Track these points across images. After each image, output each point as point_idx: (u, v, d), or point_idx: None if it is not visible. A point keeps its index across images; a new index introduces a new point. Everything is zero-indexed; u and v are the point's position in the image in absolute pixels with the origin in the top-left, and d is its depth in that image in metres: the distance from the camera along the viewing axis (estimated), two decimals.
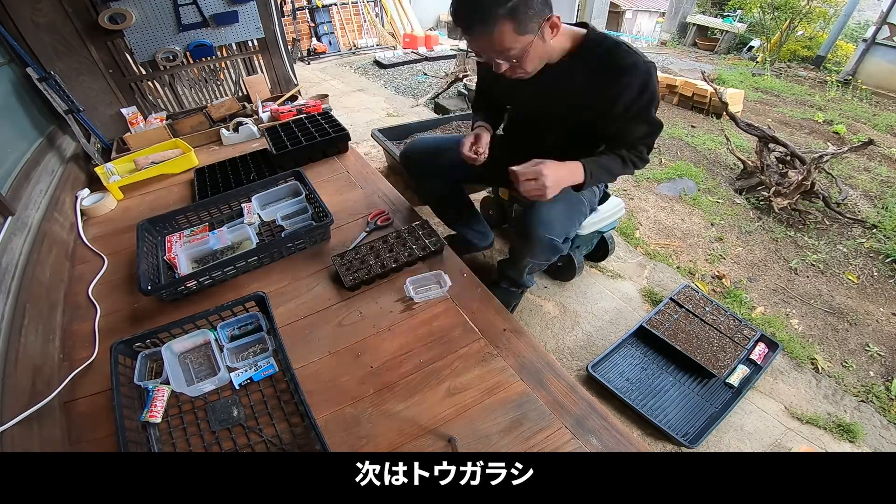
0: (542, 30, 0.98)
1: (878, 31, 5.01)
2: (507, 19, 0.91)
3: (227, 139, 2.15)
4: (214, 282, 1.29)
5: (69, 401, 1.02)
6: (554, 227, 1.20)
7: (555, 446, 0.89)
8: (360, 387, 1.01)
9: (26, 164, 1.58)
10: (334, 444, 0.89)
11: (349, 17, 6.39)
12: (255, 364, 1.04)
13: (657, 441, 1.39)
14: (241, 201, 1.57)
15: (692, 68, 5.39)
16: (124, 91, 2.23)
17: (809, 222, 2.52)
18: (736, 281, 2.09)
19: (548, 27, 0.98)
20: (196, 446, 0.92)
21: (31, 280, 1.18)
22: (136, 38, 2.12)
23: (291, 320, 1.18)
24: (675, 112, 4.25)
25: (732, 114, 2.96)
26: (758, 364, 1.58)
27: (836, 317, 1.93)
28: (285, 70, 2.62)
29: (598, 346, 1.66)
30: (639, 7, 7.73)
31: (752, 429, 1.43)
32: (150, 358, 1.05)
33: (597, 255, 2.07)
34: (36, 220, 1.40)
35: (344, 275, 1.26)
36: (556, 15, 0.99)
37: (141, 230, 1.38)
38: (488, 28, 0.92)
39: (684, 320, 1.71)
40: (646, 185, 2.86)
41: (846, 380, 1.63)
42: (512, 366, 1.05)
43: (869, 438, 1.44)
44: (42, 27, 1.86)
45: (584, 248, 1.95)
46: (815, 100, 4.64)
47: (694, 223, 2.51)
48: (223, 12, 2.25)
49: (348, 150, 1.99)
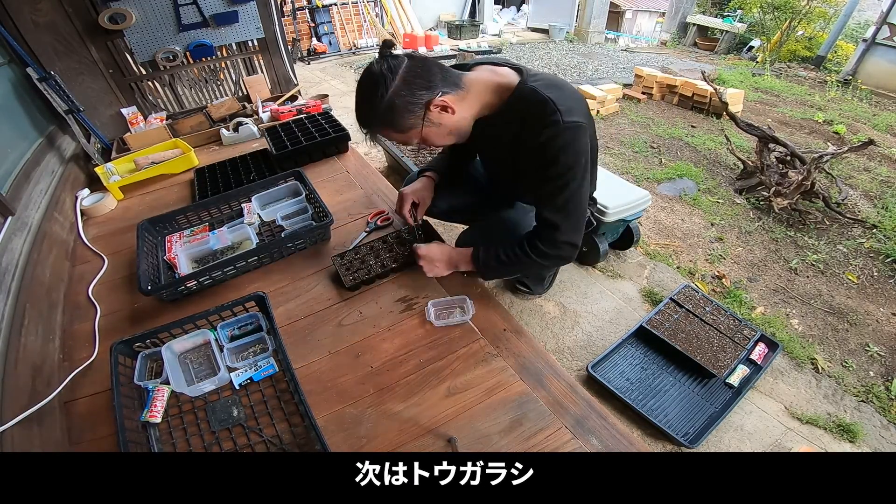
0: (427, 118, 0.97)
1: (878, 31, 5.01)
2: (384, 126, 0.99)
3: (227, 139, 2.15)
4: (214, 282, 1.29)
5: (69, 401, 1.02)
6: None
7: (555, 446, 0.89)
8: (360, 387, 1.01)
9: (26, 164, 1.58)
10: (334, 444, 0.89)
11: (349, 17, 6.39)
12: (255, 364, 1.04)
13: (657, 441, 1.39)
14: (241, 201, 1.57)
15: (692, 68, 5.39)
16: (124, 91, 2.23)
17: (809, 222, 2.52)
18: (736, 281, 2.10)
19: (436, 112, 0.97)
20: (196, 446, 0.92)
21: (31, 280, 1.18)
22: (136, 38, 2.12)
23: (291, 320, 1.18)
24: (674, 112, 4.25)
25: (732, 114, 2.97)
26: (758, 364, 1.58)
27: (836, 317, 1.93)
28: (285, 70, 2.62)
29: (598, 346, 1.66)
30: (639, 7, 7.73)
31: (752, 429, 1.43)
32: (150, 358, 1.05)
33: (622, 244, 2.10)
34: (36, 220, 1.40)
35: (344, 275, 1.26)
36: (440, 97, 0.96)
37: (141, 230, 1.38)
38: (375, 132, 1.02)
39: (684, 320, 1.71)
40: (646, 185, 2.86)
41: (846, 380, 1.63)
42: (512, 366, 1.04)
43: (869, 438, 1.44)
44: (42, 27, 1.86)
45: (609, 236, 1.98)
46: (815, 100, 4.64)
47: (694, 223, 2.51)
48: (223, 12, 2.24)
49: (348, 150, 1.99)
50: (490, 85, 1.04)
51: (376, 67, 0.95)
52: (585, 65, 5.91)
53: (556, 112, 0.95)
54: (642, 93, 4.58)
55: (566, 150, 0.96)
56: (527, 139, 1.00)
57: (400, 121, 0.97)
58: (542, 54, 6.45)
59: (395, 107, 0.94)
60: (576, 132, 0.96)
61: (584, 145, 0.98)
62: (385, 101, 0.94)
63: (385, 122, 0.98)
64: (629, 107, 4.33)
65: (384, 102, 0.94)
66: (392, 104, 0.94)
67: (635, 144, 3.46)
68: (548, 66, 5.82)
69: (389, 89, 0.93)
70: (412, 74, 0.94)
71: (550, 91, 0.97)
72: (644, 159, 3.26)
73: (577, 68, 5.75)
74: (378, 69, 0.94)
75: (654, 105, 4.43)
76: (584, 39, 7.33)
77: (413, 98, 0.95)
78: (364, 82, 0.97)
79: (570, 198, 1.01)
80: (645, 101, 4.48)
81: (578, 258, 2.04)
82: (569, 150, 0.96)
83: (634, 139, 3.56)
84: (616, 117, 4.09)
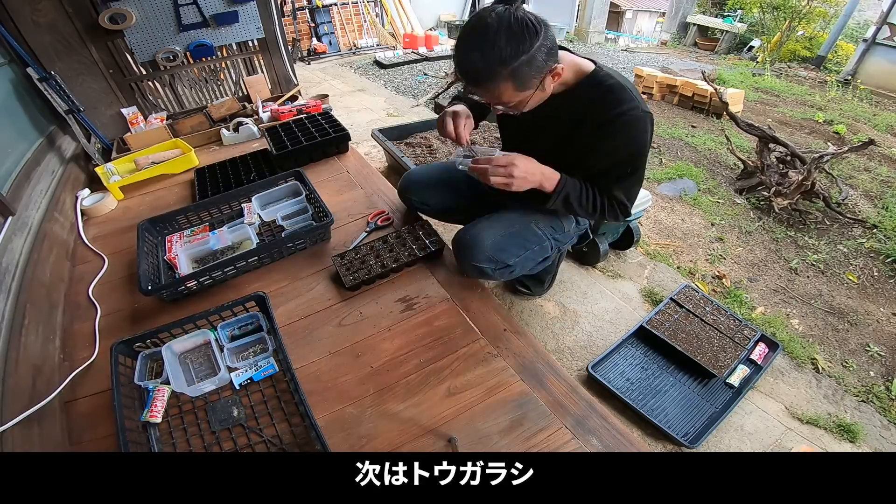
0: (543, 82, 0.95)
1: (879, 31, 5.01)
2: (509, 79, 0.90)
3: (227, 139, 2.15)
4: (214, 282, 1.29)
5: (69, 401, 1.02)
6: (482, 251, 1.17)
7: (555, 446, 0.89)
8: (360, 387, 1.01)
9: (27, 164, 1.58)
10: (334, 444, 0.89)
11: (349, 17, 6.39)
12: (256, 364, 1.04)
13: (657, 441, 1.39)
14: (241, 201, 1.57)
15: (692, 68, 5.38)
16: (124, 91, 2.23)
17: (810, 222, 2.52)
18: (736, 281, 2.09)
19: (549, 78, 0.95)
20: (196, 446, 0.92)
21: (31, 280, 1.18)
22: (137, 38, 2.12)
23: (291, 320, 1.18)
24: (675, 112, 4.25)
25: (733, 114, 2.96)
26: (758, 364, 1.58)
27: (836, 317, 1.93)
28: (285, 70, 2.62)
29: (598, 346, 1.66)
30: (639, 7, 7.73)
31: (753, 429, 1.43)
32: (150, 358, 1.05)
33: (622, 244, 2.10)
34: (36, 220, 1.40)
35: (344, 275, 1.26)
36: (560, 66, 0.95)
37: (141, 230, 1.39)
38: (490, 85, 0.92)
39: (684, 320, 1.71)
40: (646, 186, 2.86)
41: (846, 380, 1.63)
42: (512, 366, 1.05)
43: (869, 438, 1.44)
44: (42, 27, 1.86)
45: (609, 236, 1.98)
46: (816, 100, 4.64)
47: (694, 223, 2.51)
48: (223, 12, 2.25)
49: (349, 150, 1.99)
50: (572, 64, 1.05)
51: (522, 13, 0.86)
52: None
53: (634, 100, 1.00)
54: (642, 93, 4.58)
55: (642, 134, 1.02)
56: (599, 120, 1.02)
57: (528, 79, 0.91)
58: None
59: (533, 63, 0.88)
60: (650, 121, 1.03)
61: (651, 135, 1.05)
62: (528, 54, 0.86)
63: (515, 75, 0.89)
64: None
65: (527, 55, 0.86)
66: (533, 59, 0.87)
67: None
68: None
69: (537, 42, 0.86)
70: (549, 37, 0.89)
71: (625, 81, 1.03)
72: None
73: None
74: (528, 18, 0.86)
75: (654, 105, 4.42)
76: (584, 39, 7.33)
77: (547, 59, 0.90)
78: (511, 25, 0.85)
79: (639, 178, 1.11)
80: (645, 100, 4.48)
81: (578, 258, 2.05)
82: (644, 134, 1.03)
83: None
84: None
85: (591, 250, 1.97)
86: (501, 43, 0.85)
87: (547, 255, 1.33)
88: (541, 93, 0.98)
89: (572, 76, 1.06)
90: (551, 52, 0.90)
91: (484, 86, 0.93)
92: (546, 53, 0.89)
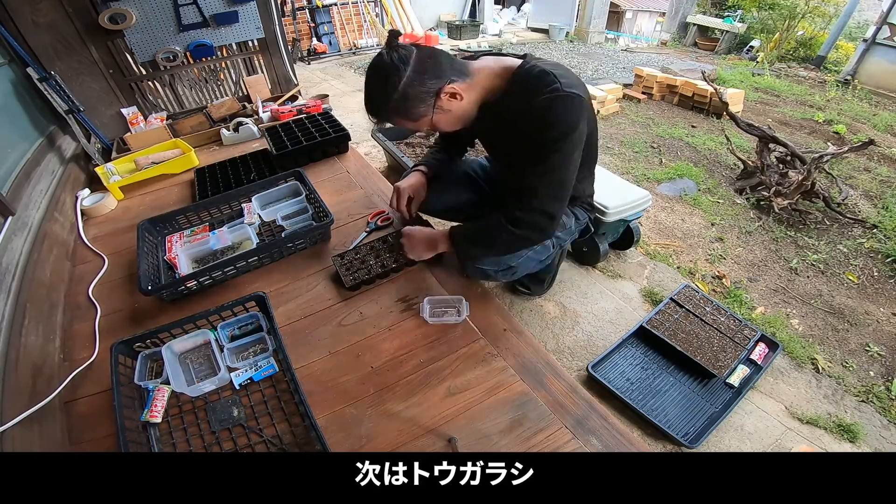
0: (437, 105, 0.98)
1: (879, 31, 5.01)
2: (395, 113, 0.99)
3: (227, 139, 2.15)
4: (214, 282, 1.29)
5: (69, 401, 1.02)
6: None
7: (555, 446, 0.89)
8: (360, 387, 1.01)
9: (27, 164, 1.58)
10: (334, 444, 0.89)
11: (349, 17, 6.39)
12: (256, 364, 1.04)
13: (657, 441, 1.39)
14: (241, 201, 1.57)
15: (692, 68, 5.38)
16: (124, 91, 2.23)
17: (810, 222, 2.52)
18: (736, 281, 2.09)
19: (445, 99, 0.98)
20: (196, 446, 0.92)
21: (31, 280, 1.18)
22: (137, 39, 2.12)
23: (291, 320, 1.18)
24: (675, 112, 4.25)
25: (733, 114, 2.96)
26: (758, 364, 1.58)
27: (836, 317, 1.93)
28: (285, 70, 2.62)
29: (598, 346, 1.66)
30: (639, 7, 7.72)
31: (753, 429, 1.43)
32: (150, 358, 1.05)
33: (622, 244, 2.10)
34: (36, 220, 1.40)
35: (344, 275, 1.26)
36: (450, 84, 0.97)
37: (141, 230, 1.38)
38: (388, 121, 1.03)
39: (684, 320, 1.71)
40: (646, 185, 2.86)
41: (846, 380, 1.63)
42: (512, 366, 1.04)
43: (869, 438, 1.44)
44: (42, 27, 1.86)
45: (609, 236, 1.98)
46: (815, 100, 4.64)
47: (694, 223, 2.51)
48: (223, 12, 2.25)
49: (349, 150, 1.99)
50: (494, 70, 1.05)
51: (387, 58, 0.95)
52: (585, 65, 5.91)
53: (556, 82, 0.96)
54: (642, 93, 4.57)
55: (561, 117, 0.96)
56: (526, 109, 1.00)
57: (412, 110, 0.98)
58: (543, 54, 6.45)
59: (407, 96, 0.95)
60: (572, 101, 0.95)
61: (579, 117, 0.97)
62: (398, 92, 0.94)
63: (397, 112, 0.99)
64: (629, 107, 4.33)
65: (397, 93, 0.94)
66: (405, 94, 0.95)
67: (635, 144, 3.46)
68: None
69: (402, 79, 0.94)
70: (423, 64, 0.95)
71: (552, 67, 1.00)
72: (644, 159, 3.26)
73: (577, 68, 5.75)
74: (389, 59, 0.94)
75: (654, 105, 4.43)
76: (584, 39, 7.33)
77: (424, 87, 0.95)
78: (375, 73, 0.97)
79: (556, 165, 0.99)
80: (645, 101, 4.48)
81: (578, 258, 2.04)
82: (564, 117, 0.96)
83: (634, 139, 3.56)
84: (616, 117, 4.09)
85: (591, 250, 1.97)
86: (375, 90, 0.98)
87: (548, 254, 1.33)
88: (444, 114, 1.01)
89: (500, 81, 1.05)
90: (428, 79, 0.95)
91: (383, 122, 1.06)
92: (420, 83, 0.95)
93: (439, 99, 0.98)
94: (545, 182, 1.01)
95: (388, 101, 0.96)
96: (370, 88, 0.99)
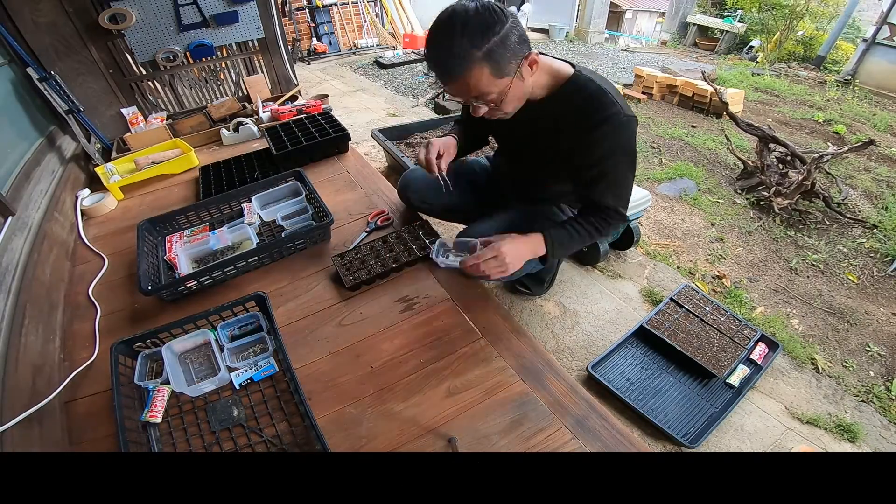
0: (520, 69, 0.93)
1: (879, 31, 5.01)
2: (484, 63, 0.87)
3: (227, 139, 2.15)
4: (214, 282, 1.29)
5: (70, 401, 1.02)
6: None
7: (555, 446, 0.89)
8: (360, 387, 1.01)
9: (27, 164, 1.58)
10: (334, 444, 0.89)
11: (349, 17, 6.39)
12: (256, 364, 1.04)
13: (657, 441, 1.39)
14: (241, 201, 1.57)
15: (692, 68, 5.38)
16: (124, 91, 2.23)
17: (810, 222, 2.52)
18: (736, 281, 2.09)
19: (526, 66, 0.94)
20: (196, 446, 0.92)
21: (31, 280, 1.18)
22: (137, 39, 2.12)
23: (291, 320, 1.18)
24: (675, 112, 4.25)
25: (733, 114, 2.96)
26: (758, 364, 1.58)
27: (836, 317, 1.93)
28: (285, 70, 2.62)
29: (598, 346, 1.66)
30: (639, 7, 7.73)
31: (753, 429, 1.43)
32: (150, 358, 1.05)
33: (622, 244, 2.10)
34: (36, 220, 1.40)
35: (344, 275, 1.26)
36: (535, 52, 0.95)
37: (141, 230, 1.39)
38: (465, 73, 0.88)
39: (684, 320, 1.71)
40: (646, 185, 2.86)
41: (846, 380, 1.63)
42: (512, 366, 1.04)
43: (869, 438, 1.44)
44: (42, 27, 1.86)
45: (609, 236, 1.99)
46: (815, 100, 4.64)
47: (694, 223, 2.51)
48: (223, 12, 2.25)
49: (349, 151, 1.99)
50: (547, 66, 1.04)
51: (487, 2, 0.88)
52: (585, 65, 5.89)
53: (616, 104, 0.99)
54: (642, 93, 4.57)
55: (629, 139, 1.03)
56: (583, 126, 1.02)
57: (503, 62, 0.89)
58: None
59: (507, 44, 0.87)
60: (633, 125, 1.02)
61: (636, 137, 1.05)
62: (499, 36, 0.86)
63: (488, 58, 0.87)
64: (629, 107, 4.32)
65: (498, 36, 0.86)
66: (506, 38, 0.87)
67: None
68: None
69: (506, 25, 0.87)
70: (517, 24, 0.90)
71: (605, 84, 1.02)
72: (644, 159, 3.26)
73: None
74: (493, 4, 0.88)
75: (654, 105, 4.42)
76: (584, 39, 7.33)
77: (520, 44, 0.90)
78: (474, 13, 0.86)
79: (628, 184, 1.10)
80: (645, 100, 4.48)
81: (578, 258, 2.05)
82: (630, 140, 1.03)
83: None
84: None
85: (591, 250, 1.97)
86: (472, 26, 0.85)
87: None
88: (519, 83, 0.95)
89: (552, 80, 1.05)
90: (523, 39, 0.91)
91: (459, 76, 0.89)
92: (518, 37, 0.89)
93: (523, 64, 0.92)
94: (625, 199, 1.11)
95: (488, 41, 0.85)
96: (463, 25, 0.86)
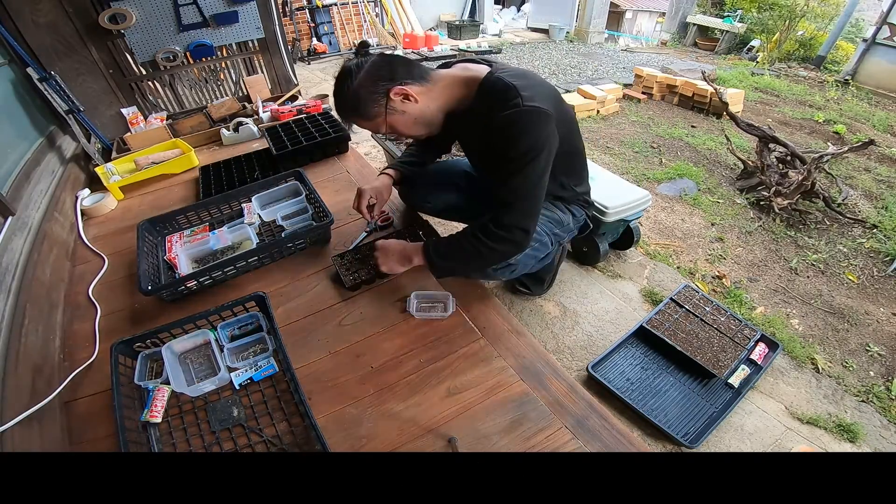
0: (389, 106, 1.04)
1: (878, 31, 5.01)
2: (352, 112, 1.07)
3: (227, 139, 2.15)
4: (214, 282, 1.29)
5: (69, 401, 1.02)
6: None
7: (555, 446, 0.89)
8: (360, 387, 1.01)
9: (27, 164, 1.58)
10: (334, 444, 0.89)
11: (349, 17, 6.40)
12: (256, 364, 1.04)
13: (657, 441, 1.39)
14: (241, 201, 1.57)
15: (692, 68, 5.39)
16: (124, 91, 2.23)
17: (810, 222, 2.52)
18: (736, 281, 2.09)
19: (397, 100, 1.04)
20: (196, 446, 0.92)
21: (31, 280, 1.18)
22: (137, 39, 2.12)
23: (291, 320, 1.18)
24: (675, 112, 4.25)
25: (733, 114, 2.97)
26: (758, 364, 1.58)
27: (836, 317, 1.93)
28: (285, 70, 2.62)
29: (598, 346, 1.66)
30: (639, 7, 7.73)
31: (753, 429, 1.43)
32: (150, 358, 1.05)
33: (622, 244, 2.10)
34: (36, 220, 1.40)
35: (344, 275, 1.26)
36: (399, 86, 1.02)
37: (141, 230, 1.38)
38: (346, 120, 1.13)
39: (684, 320, 1.71)
40: (646, 185, 2.86)
41: (846, 380, 1.63)
42: (512, 366, 1.04)
43: (869, 438, 1.44)
44: (42, 27, 1.86)
45: (609, 236, 1.98)
46: (815, 100, 4.64)
47: (694, 223, 2.51)
48: (223, 12, 2.25)
49: (349, 150, 1.99)
50: (458, 78, 1.10)
51: (349, 64, 1.06)
52: (585, 65, 5.91)
53: (518, 97, 0.97)
54: (642, 93, 4.58)
55: (524, 133, 0.98)
56: (491, 124, 1.02)
57: (365, 109, 1.05)
58: (542, 54, 6.45)
59: (360, 96, 1.03)
60: (536, 116, 0.97)
61: (545, 131, 0.99)
62: (352, 91, 1.03)
63: (352, 110, 1.07)
64: (629, 107, 4.33)
65: (351, 92, 1.03)
66: (357, 94, 1.03)
67: (635, 144, 3.46)
68: (548, 67, 5.82)
69: (355, 81, 1.03)
70: (376, 68, 1.03)
71: (515, 79, 1.01)
72: (644, 159, 3.26)
73: (577, 68, 5.75)
74: (349, 65, 1.05)
75: (654, 105, 4.43)
76: (584, 39, 7.33)
77: (375, 88, 1.02)
78: (338, 76, 1.07)
79: (526, 181, 1.01)
80: (645, 101, 4.48)
81: (578, 258, 2.04)
82: (527, 133, 0.98)
83: (634, 139, 3.56)
84: (616, 117, 4.09)
85: (591, 250, 1.97)
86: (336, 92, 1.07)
87: (548, 252, 1.33)
88: (398, 116, 1.06)
89: (467, 89, 1.09)
90: (380, 81, 1.02)
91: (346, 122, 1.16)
92: (372, 84, 1.02)
93: (391, 100, 1.03)
94: (518, 197, 1.03)
95: (345, 101, 1.06)
96: (333, 91, 1.09)
